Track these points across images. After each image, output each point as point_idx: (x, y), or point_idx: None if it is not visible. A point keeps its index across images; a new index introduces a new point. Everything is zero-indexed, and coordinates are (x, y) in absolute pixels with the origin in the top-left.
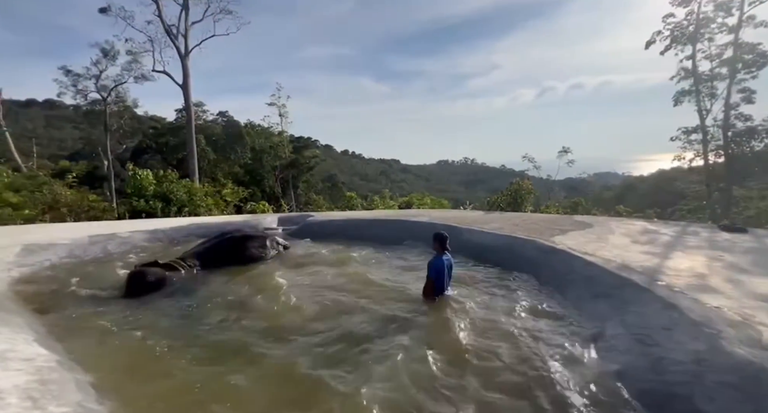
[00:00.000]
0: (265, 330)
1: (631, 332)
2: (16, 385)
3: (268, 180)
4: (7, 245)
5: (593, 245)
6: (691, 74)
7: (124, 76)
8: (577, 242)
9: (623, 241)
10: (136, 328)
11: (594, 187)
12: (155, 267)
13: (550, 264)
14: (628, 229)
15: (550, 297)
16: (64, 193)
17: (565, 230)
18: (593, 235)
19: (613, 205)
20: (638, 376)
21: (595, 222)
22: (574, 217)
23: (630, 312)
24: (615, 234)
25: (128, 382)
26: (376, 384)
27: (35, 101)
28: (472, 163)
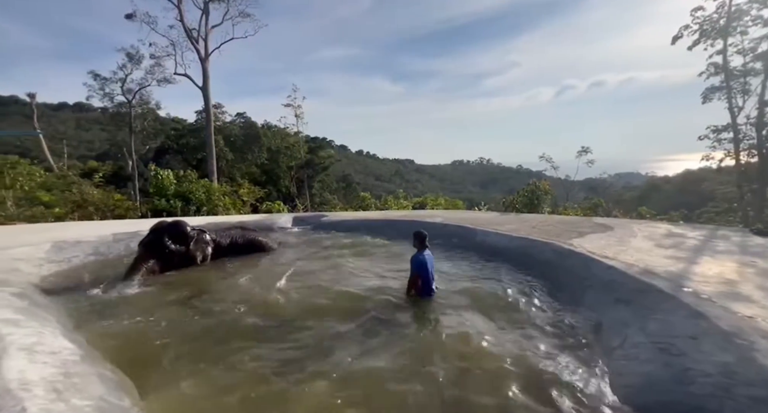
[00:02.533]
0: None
1: (653, 340)
2: (42, 377)
3: (283, 180)
4: (39, 242)
5: (614, 248)
6: (721, 70)
7: (147, 79)
8: (597, 245)
9: (646, 245)
10: (157, 322)
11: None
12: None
13: (566, 268)
14: (652, 232)
15: (565, 301)
16: (91, 193)
17: (584, 233)
18: (614, 238)
19: (635, 206)
20: (662, 387)
21: (615, 225)
22: (594, 219)
23: (653, 319)
24: (637, 238)
25: (149, 376)
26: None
27: (66, 104)
28: (487, 163)
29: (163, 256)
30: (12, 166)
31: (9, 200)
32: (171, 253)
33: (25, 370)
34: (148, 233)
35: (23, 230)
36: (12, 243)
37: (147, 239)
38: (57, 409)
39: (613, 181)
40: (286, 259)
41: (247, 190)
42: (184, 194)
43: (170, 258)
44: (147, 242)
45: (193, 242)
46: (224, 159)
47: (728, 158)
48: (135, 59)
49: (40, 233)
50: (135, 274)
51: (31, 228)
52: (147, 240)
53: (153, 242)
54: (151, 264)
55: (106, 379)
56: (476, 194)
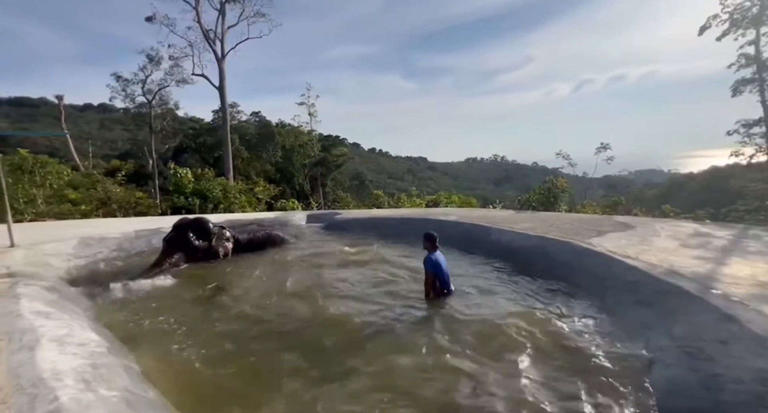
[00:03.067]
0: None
1: (679, 344)
2: (72, 368)
3: (297, 178)
4: (67, 238)
5: (635, 248)
6: (753, 61)
7: (167, 80)
8: (618, 244)
9: (670, 244)
10: (180, 315)
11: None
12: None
13: (585, 268)
14: (676, 231)
15: (583, 301)
16: (114, 191)
17: (604, 231)
18: (636, 237)
19: (657, 204)
20: (689, 393)
21: (637, 224)
22: (614, 218)
23: (678, 322)
24: (661, 237)
25: (170, 368)
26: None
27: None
28: (501, 161)
29: (187, 251)
30: (42, 165)
31: (39, 198)
32: (195, 248)
33: (57, 361)
34: (171, 229)
35: (52, 226)
36: (43, 238)
37: (171, 235)
38: (86, 399)
39: (634, 178)
40: (301, 256)
41: (262, 188)
42: (202, 192)
43: (194, 252)
44: (171, 237)
45: (215, 238)
46: (240, 157)
47: (760, 154)
48: (155, 61)
49: (68, 229)
50: (160, 268)
51: (59, 224)
52: (171, 235)
53: (177, 237)
54: (175, 258)
55: (130, 371)
56: (490, 192)
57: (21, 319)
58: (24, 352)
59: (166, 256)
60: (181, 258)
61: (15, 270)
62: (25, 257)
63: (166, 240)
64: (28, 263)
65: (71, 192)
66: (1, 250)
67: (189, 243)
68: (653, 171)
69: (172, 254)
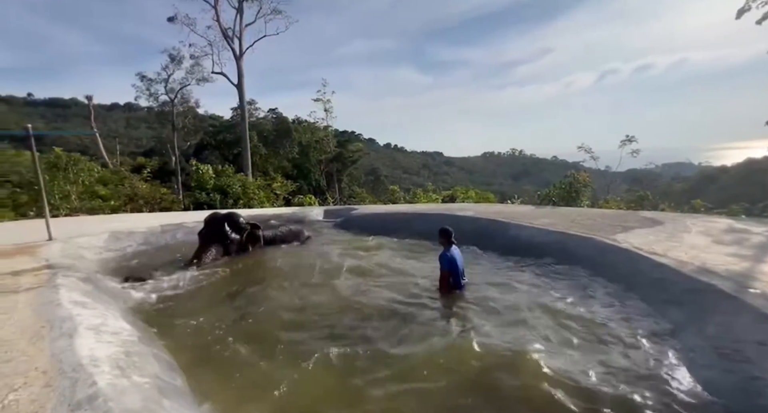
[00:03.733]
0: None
1: (712, 345)
2: (108, 355)
3: (313, 173)
4: (99, 232)
5: (664, 244)
6: None
7: (188, 79)
8: (644, 241)
9: (702, 241)
10: (215, 307)
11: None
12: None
13: (609, 265)
14: (708, 227)
15: (606, 299)
16: (141, 187)
17: (629, 227)
18: (664, 233)
19: (686, 199)
20: (723, 396)
21: (666, 219)
22: (640, 213)
23: (711, 321)
24: (691, 233)
25: (198, 357)
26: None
27: (118, 105)
28: (519, 155)
29: (223, 244)
30: (75, 162)
31: (73, 194)
32: (230, 241)
33: (94, 348)
34: (205, 223)
35: (85, 221)
36: (77, 232)
37: (208, 228)
38: (122, 384)
39: (661, 171)
40: (322, 250)
41: (279, 184)
42: (222, 188)
43: (229, 246)
44: (208, 231)
45: (245, 232)
46: (258, 154)
47: None
48: (176, 60)
49: (99, 224)
50: (200, 261)
51: (91, 219)
52: (209, 229)
53: (214, 231)
54: (214, 251)
55: (160, 359)
56: (507, 187)
57: (60, 308)
58: (64, 339)
59: (204, 250)
60: (219, 252)
61: (53, 262)
62: (62, 250)
63: (202, 234)
64: (64, 255)
65: (101, 188)
66: (40, 243)
67: (225, 237)
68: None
69: (209, 247)
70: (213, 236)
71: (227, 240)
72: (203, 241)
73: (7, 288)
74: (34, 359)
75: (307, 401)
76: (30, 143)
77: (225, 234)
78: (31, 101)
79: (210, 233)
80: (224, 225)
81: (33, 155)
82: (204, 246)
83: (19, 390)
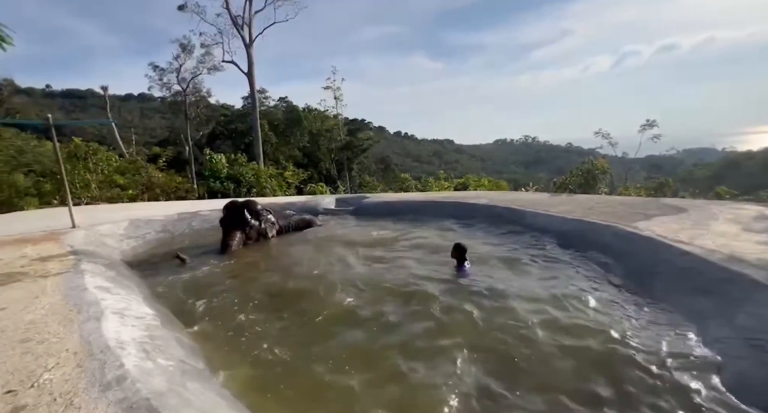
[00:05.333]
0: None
1: (744, 336)
2: (133, 338)
3: (324, 162)
4: (119, 220)
5: (689, 232)
6: None
7: (199, 68)
8: (668, 229)
9: (731, 229)
10: (239, 292)
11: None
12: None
13: (631, 253)
14: (737, 215)
15: (626, 288)
16: (157, 176)
17: (651, 215)
18: (689, 221)
19: (708, 185)
20: (757, 388)
21: (690, 206)
22: (662, 200)
23: (742, 312)
24: (718, 221)
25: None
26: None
27: (132, 95)
28: (533, 142)
29: (244, 230)
30: (94, 152)
31: (93, 183)
32: (251, 228)
33: (120, 331)
34: (225, 210)
35: (105, 209)
36: (98, 220)
37: (230, 216)
38: (147, 367)
39: (683, 157)
40: (337, 237)
41: (291, 173)
42: (236, 177)
43: (250, 232)
44: (230, 219)
45: (263, 220)
46: (269, 143)
47: None
48: (187, 49)
49: (119, 212)
50: (229, 247)
51: (111, 207)
52: (230, 216)
53: (235, 218)
54: (238, 238)
55: (183, 343)
56: (520, 175)
57: (87, 293)
58: (92, 322)
59: (231, 236)
60: (242, 239)
61: (78, 248)
62: (85, 237)
63: (224, 221)
64: (87, 242)
65: (119, 177)
66: (65, 231)
67: (246, 223)
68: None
69: (234, 234)
70: (235, 222)
71: (248, 226)
72: (227, 228)
73: (36, 273)
74: (65, 341)
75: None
76: (51, 133)
77: (246, 221)
78: (49, 93)
79: (232, 220)
80: (244, 212)
81: (54, 145)
82: (229, 233)
83: (52, 370)
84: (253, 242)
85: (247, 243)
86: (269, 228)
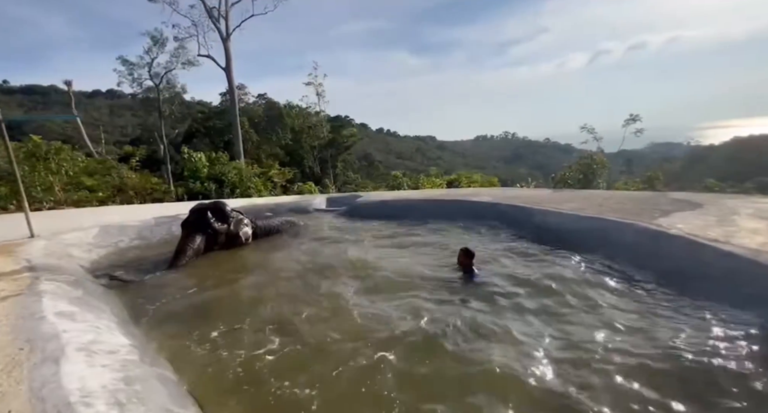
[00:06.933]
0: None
1: None
2: (103, 385)
3: (307, 160)
4: (87, 226)
5: (718, 230)
6: None
7: (173, 63)
8: (693, 226)
9: (761, 225)
10: (206, 308)
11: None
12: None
13: (662, 255)
14: (757, 209)
15: (663, 295)
16: (130, 176)
17: (667, 211)
18: (711, 217)
19: (676, 178)
20: None
21: (703, 201)
22: (670, 195)
23: None
24: (741, 216)
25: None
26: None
27: (99, 91)
28: (512, 138)
29: (207, 235)
30: (57, 151)
31: (56, 185)
32: (215, 231)
33: (85, 377)
34: (189, 214)
35: (71, 214)
36: (63, 227)
37: (190, 218)
38: None
39: (650, 151)
40: (327, 241)
41: (277, 171)
42: (217, 176)
43: (215, 237)
44: (191, 221)
45: (233, 223)
46: (250, 141)
47: None
48: (159, 42)
49: (87, 217)
50: (184, 256)
51: (78, 212)
52: (190, 219)
53: (197, 221)
54: (198, 242)
55: (166, 382)
56: (501, 170)
57: (44, 323)
58: (48, 366)
59: (187, 241)
60: (202, 242)
61: (36, 263)
62: (45, 248)
63: (184, 224)
64: (48, 254)
65: (87, 178)
66: (20, 241)
67: (209, 226)
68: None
69: (193, 238)
70: (197, 225)
71: (210, 229)
72: (187, 231)
73: None
74: (7, 397)
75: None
76: (1, 130)
77: (208, 223)
78: (6, 89)
79: (193, 222)
80: (206, 214)
81: (6, 142)
82: (187, 237)
83: None
84: (221, 249)
85: (213, 248)
86: (242, 232)
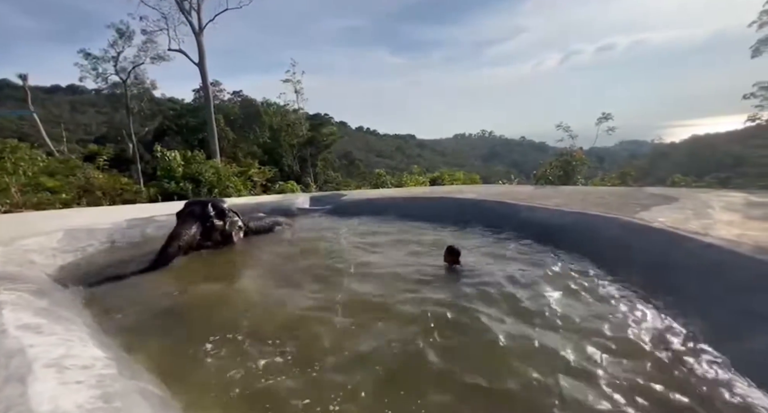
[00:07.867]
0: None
1: None
2: (78, 405)
3: (286, 159)
4: (50, 231)
5: (697, 222)
6: None
7: (141, 57)
8: (673, 219)
9: (734, 217)
10: (184, 315)
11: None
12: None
13: (645, 249)
14: (728, 202)
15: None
16: (97, 177)
17: (647, 205)
18: (688, 211)
19: (645, 174)
20: None
21: (679, 195)
22: (647, 189)
23: None
24: (716, 209)
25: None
26: None
27: (59, 87)
28: (489, 136)
29: (204, 227)
30: (12, 150)
31: (13, 187)
32: (212, 226)
33: (58, 396)
34: (185, 206)
35: (32, 218)
36: (23, 232)
37: (188, 208)
38: None
39: (618, 149)
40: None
41: (257, 170)
42: (194, 176)
43: (210, 231)
44: (189, 210)
45: (229, 223)
46: (226, 139)
47: None
48: (126, 35)
49: (51, 221)
50: (176, 242)
51: (39, 215)
52: (188, 209)
53: (196, 211)
54: (194, 232)
55: (149, 396)
56: (479, 168)
57: (6, 338)
58: (13, 386)
59: (184, 227)
60: (198, 233)
61: None
62: (4, 255)
63: (180, 214)
64: (7, 261)
65: (48, 179)
66: None
67: (209, 218)
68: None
69: (189, 225)
70: (195, 214)
71: (209, 222)
72: (183, 219)
73: None
74: None
75: None
76: None
77: (209, 215)
78: None
79: (192, 212)
80: (208, 206)
81: None
82: (183, 225)
83: None
84: (215, 247)
85: (206, 245)
86: (235, 231)
